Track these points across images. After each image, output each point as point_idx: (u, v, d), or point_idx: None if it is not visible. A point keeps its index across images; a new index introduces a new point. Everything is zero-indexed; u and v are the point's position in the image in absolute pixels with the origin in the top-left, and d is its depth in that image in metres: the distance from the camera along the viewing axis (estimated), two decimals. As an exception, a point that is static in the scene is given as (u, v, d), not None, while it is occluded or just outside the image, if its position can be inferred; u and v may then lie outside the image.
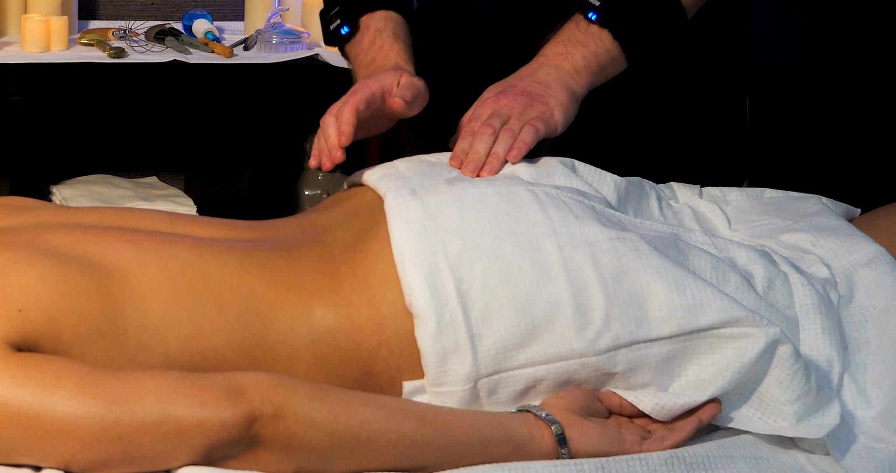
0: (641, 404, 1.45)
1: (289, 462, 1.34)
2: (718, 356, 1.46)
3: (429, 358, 1.43)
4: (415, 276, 1.43)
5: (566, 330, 1.44)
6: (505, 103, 1.66)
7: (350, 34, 1.83)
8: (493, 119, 1.64)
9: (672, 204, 1.73)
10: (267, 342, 1.42)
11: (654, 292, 1.45)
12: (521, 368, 1.44)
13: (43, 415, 1.28)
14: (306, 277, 1.47)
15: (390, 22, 1.81)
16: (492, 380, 1.44)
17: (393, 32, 1.79)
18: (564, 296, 1.44)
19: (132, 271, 1.41)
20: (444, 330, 1.42)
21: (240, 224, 1.57)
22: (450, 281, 1.44)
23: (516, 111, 1.65)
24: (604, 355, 1.45)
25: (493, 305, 1.44)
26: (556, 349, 1.44)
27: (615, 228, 1.51)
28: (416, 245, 1.45)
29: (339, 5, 1.85)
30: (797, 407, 1.46)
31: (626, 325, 1.45)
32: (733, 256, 1.58)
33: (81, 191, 3.08)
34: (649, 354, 1.45)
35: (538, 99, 1.67)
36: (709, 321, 1.45)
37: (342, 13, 1.84)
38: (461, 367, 1.43)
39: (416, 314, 1.43)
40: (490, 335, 1.43)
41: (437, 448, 1.37)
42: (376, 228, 1.50)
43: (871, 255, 1.64)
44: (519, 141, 1.62)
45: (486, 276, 1.44)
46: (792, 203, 1.76)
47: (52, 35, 2.84)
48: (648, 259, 1.47)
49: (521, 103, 1.66)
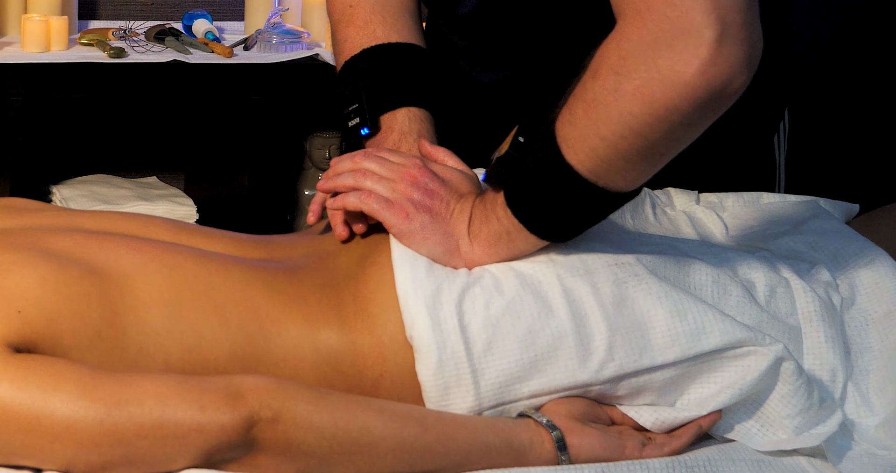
0: (642, 419, 1.45)
1: (288, 467, 1.33)
2: (721, 374, 1.45)
3: (430, 393, 1.42)
4: (417, 309, 1.42)
5: (569, 362, 1.43)
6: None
7: (370, 135, 1.69)
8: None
9: (668, 211, 1.72)
10: (269, 359, 1.41)
11: (656, 319, 1.44)
12: (524, 400, 1.43)
13: (42, 418, 1.28)
14: (311, 298, 1.46)
15: (415, 122, 1.68)
16: (495, 413, 1.43)
17: (419, 135, 1.67)
18: (567, 327, 1.43)
19: (134, 277, 1.40)
20: (446, 365, 1.41)
21: (244, 240, 1.56)
22: (452, 316, 1.42)
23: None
24: (607, 383, 1.44)
25: (495, 339, 1.42)
26: (560, 381, 1.43)
27: (613, 251, 1.50)
28: (420, 278, 1.44)
29: (356, 102, 1.70)
30: (797, 422, 1.45)
31: (630, 354, 1.43)
32: (733, 264, 1.57)
33: (81, 191, 3.08)
34: (653, 379, 1.45)
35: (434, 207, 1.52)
36: (712, 344, 1.44)
37: (360, 111, 1.69)
38: (463, 401, 1.42)
39: (416, 347, 1.42)
40: (492, 369, 1.42)
41: (437, 454, 1.37)
42: (376, 254, 1.49)
43: (871, 257, 1.63)
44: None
45: (488, 309, 1.43)
46: (790, 208, 1.76)
47: (52, 35, 2.84)
48: (648, 285, 1.46)
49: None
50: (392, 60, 1.72)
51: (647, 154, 1.39)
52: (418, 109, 1.70)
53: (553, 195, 1.43)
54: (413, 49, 1.74)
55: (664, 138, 1.37)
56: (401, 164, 1.52)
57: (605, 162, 1.39)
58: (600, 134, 1.38)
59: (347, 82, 1.73)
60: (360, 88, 1.70)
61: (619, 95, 1.35)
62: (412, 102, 1.70)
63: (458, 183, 1.53)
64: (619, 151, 1.38)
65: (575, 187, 1.41)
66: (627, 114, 1.36)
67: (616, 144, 1.38)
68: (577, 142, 1.40)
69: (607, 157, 1.39)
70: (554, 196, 1.43)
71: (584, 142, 1.39)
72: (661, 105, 1.34)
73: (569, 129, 1.40)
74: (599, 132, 1.38)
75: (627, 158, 1.39)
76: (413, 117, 1.69)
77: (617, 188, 1.42)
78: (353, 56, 1.74)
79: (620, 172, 1.40)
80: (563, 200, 1.43)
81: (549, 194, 1.43)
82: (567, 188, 1.42)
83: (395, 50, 1.73)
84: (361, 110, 1.69)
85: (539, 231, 1.46)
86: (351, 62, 1.74)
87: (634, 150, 1.38)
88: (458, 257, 1.48)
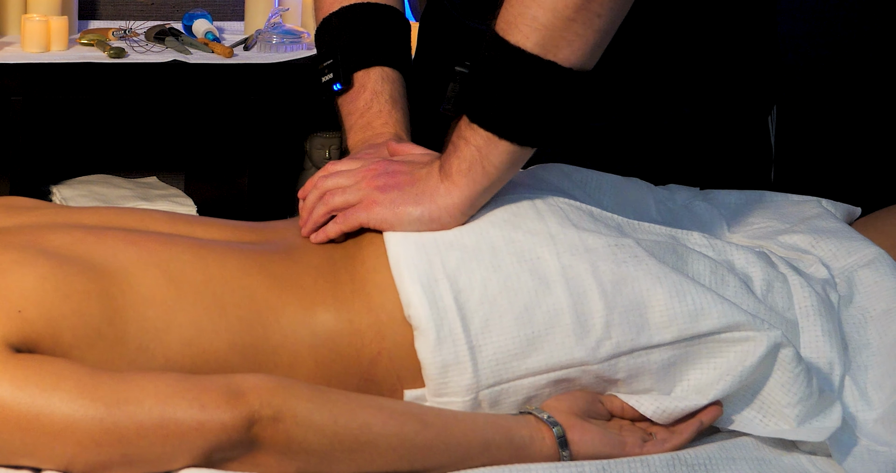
0: (642, 407, 1.45)
1: (289, 465, 1.33)
2: (720, 360, 1.45)
3: (429, 370, 1.42)
4: (413, 287, 1.42)
5: (567, 339, 1.43)
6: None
7: (343, 91, 1.72)
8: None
9: (670, 206, 1.72)
10: (268, 346, 1.42)
11: (654, 299, 1.45)
12: (522, 378, 1.43)
13: (42, 417, 1.28)
14: (308, 280, 1.46)
15: (388, 83, 1.71)
16: (493, 391, 1.43)
17: (391, 97, 1.71)
18: (564, 305, 1.43)
19: (133, 272, 1.40)
20: (444, 342, 1.41)
21: (241, 226, 1.57)
22: (448, 292, 1.42)
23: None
24: (605, 363, 1.44)
25: (492, 316, 1.43)
26: (557, 359, 1.43)
27: (613, 234, 1.50)
28: (413, 256, 1.45)
29: (332, 58, 1.73)
30: (798, 410, 1.45)
31: (627, 332, 1.44)
32: (731, 258, 1.57)
33: (81, 191, 3.08)
34: (651, 360, 1.45)
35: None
36: (710, 326, 1.44)
37: (335, 67, 1.72)
38: (462, 379, 1.42)
39: (414, 325, 1.42)
40: (490, 346, 1.42)
41: (437, 450, 1.37)
42: (373, 233, 1.50)
43: (871, 256, 1.63)
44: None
45: (485, 286, 1.43)
46: (791, 206, 1.76)
47: (52, 35, 2.84)
48: (647, 265, 1.47)
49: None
50: (370, 19, 1.74)
51: (583, 11, 1.41)
52: (392, 70, 1.72)
53: (509, 86, 1.44)
54: (390, 10, 1.77)
55: None
56: (361, 166, 1.54)
57: (548, 28, 1.42)
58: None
59: (324, 39, 1.76)
60: (337, 45, 1.73)
61: None
62: (387, 62, 1.72)
63: (421, 158, 1.54)
64: (557, 11, 1.41)
65: (526, 67, 1.43)
66: None
67: (554, 5, 1.41)
68: (517, 17, 1.43)
69: (548, 21, 1.41)
70: (510, 87, 1.44)
71: (523, 14, 1.42)
72: None
73: (507, 10, 1.44)
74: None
75: (567, 18, 1.41)
76: (386, 77, 1.71)
77: (568, 62, 1.43)
78: (331, 13, 1.76)
79: (565, 39, 1.42)
80: (520, 88, 1.44)
81: (505, 87, 1.44)
82: (520, 73, 1.43)
83: (374, 9, 1.76)
84: (336, 66, 1.72)
85: (508, 133, 1.45)
86: (329, 19, 1.76)
87: (571, 7, 1.40)
88: (440, 213, 1.47)
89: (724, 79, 1.85)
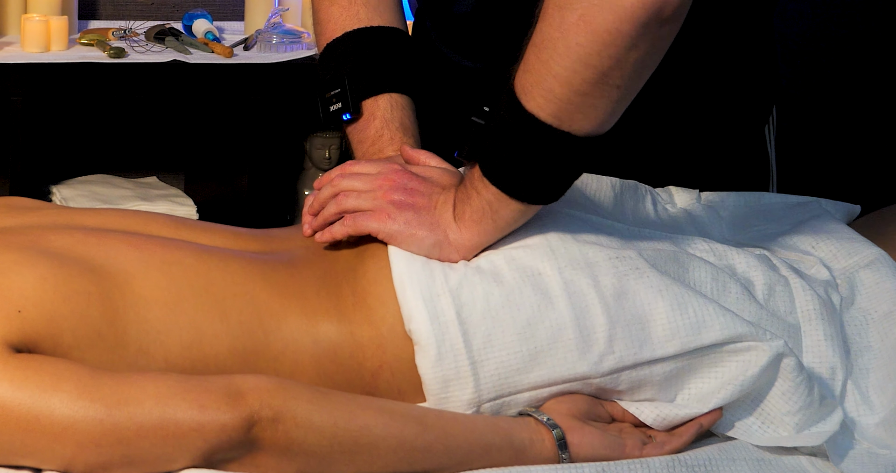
0: (643, 415, 1.45)
1: (288, 466, 1.33)
2: (722, 369, 1.45)
3: (430, 385, 1.42)
4: (414, 302, 1.42)
5: (569, 354, 1.43)
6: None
7: (352, 120, 1.69)
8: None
9: (669, 209, 1.72)
10: (269, 353, 1.42)
11: (657, 312, 1.44)
12: (523, 392, 1.43)
13: (42, 418, 1.28)
14: (310, 291, 1.46)
15: (397, 110, 1.69)
16: (495, 404, 1.43)
17: (401, 124, 1.69)
18: (567, 320, 1.43)
19: (134, 274, 1.40)
20: (445, 358, 1.41)
21: (243, 233, 1.57)
22: (450, 307, 1.42)
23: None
24: (608, 376, 1.44)
25: (494, 331, 1.42)
26: (560, 373, 1.43)
27: (614, 245, 1.50)
28: (416, 270, 1.44)
29: (338, 87, 1.70)
30: (798, 419, 1.45)
31: (630, 346, 1.43)
32: (733, 263, 1.57)
33: (81, 191, 3.08)
34: (653, 373, 1.45)
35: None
36: (712, 338, 1.44)
37: (342, 96, 1.69)
38: (463, 393, 1.42)
39: (415, 340, 1.42)
40: (492, 361, 1.42)
41: (437, 452, 1.37)
42: (375, 246, 1.49)
43: (871, 257, 1.63)
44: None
45: (488, 301, 1.43)
46: (791, 208, 1.75)
47: (52, 35, 2.84)
48: (649, 278, 1.46)
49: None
50: (375, 44, 1.72)
51: (600, 85, 1.39)
52: (400, 96, 1.70)
53: (522, 151, 1.43)
54: (396, 33, 1.74)
55: (614, 67, 1.38)
56: (378, 173, 1.53)
57: (563, 101, 1.40)
58: (552, 72, 1.39)
59: (329, 66, 1.74)
60: (343, 73, 1.71)
61: (565, 29, 1.37)
62: (395, 88, 1.70)
63: (440, 178, 1.54)
64: (573, 86, 1.39)
65: (540, 136, 1.42)
66: (574, 45, 1.37)
67: (569, 80, 1.39)
68: (533, 87, 1.41)
69: (563, 95, 1.39)
70: (523, 151, 1.43)
71: (539, 85, 1.40)
72: (603, 30, 1.35)
73: (524, 77, 1.42)
74: (552, 71, 1.39)
75: (583, 93, 1.39)
76: (395, 104, 1.70)
77: (583, 131, 1.42)
78: (335, 39, 1.74)
79: (580, 111, 1.41)
80: (532, 154, 1.43)
81: (518, 151, 1.43)
82: (533, 139, 1.42)
83: (379, 34, 1.73)
84: (343, 95, 1.70)
85: (518, 194, 1.46)
86: (333, 45, 1.74)
87: (588, 83, 1.38)
88: (448, 247, 1.48)
89: (724, 98, 1.84)
